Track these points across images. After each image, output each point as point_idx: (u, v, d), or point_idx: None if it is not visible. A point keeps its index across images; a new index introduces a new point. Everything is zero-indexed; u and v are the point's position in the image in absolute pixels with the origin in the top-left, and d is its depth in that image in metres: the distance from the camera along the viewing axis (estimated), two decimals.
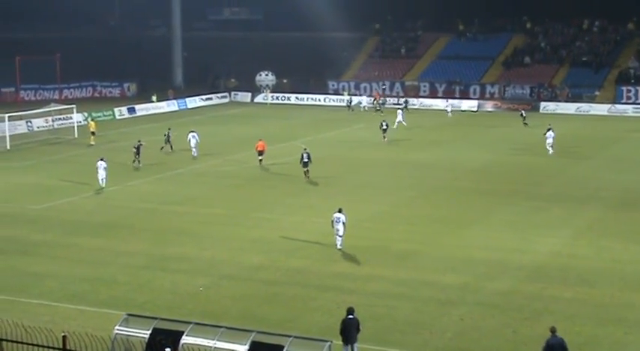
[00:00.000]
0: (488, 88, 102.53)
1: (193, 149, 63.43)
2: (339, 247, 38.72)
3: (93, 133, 69.92)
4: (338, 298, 32.18)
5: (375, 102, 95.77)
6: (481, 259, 37.54)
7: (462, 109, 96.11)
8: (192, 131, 64.74)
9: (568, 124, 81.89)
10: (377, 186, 53.18)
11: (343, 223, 38.51)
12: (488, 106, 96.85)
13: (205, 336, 25.07)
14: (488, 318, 30.57)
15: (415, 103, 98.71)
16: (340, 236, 38.72)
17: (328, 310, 30.92)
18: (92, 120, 74.98)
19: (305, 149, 56.07)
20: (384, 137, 70.55)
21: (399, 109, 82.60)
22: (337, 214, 38.74)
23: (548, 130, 64.95)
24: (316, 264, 36.90)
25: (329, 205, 42.72)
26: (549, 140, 64.36)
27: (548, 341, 24.64)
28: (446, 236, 41.33)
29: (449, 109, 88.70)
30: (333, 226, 38.81)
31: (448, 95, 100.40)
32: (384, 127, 71.06)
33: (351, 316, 26.07)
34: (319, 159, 61.18)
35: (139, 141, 60.34)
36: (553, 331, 24.76)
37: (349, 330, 25.92)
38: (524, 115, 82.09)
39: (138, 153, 59.01)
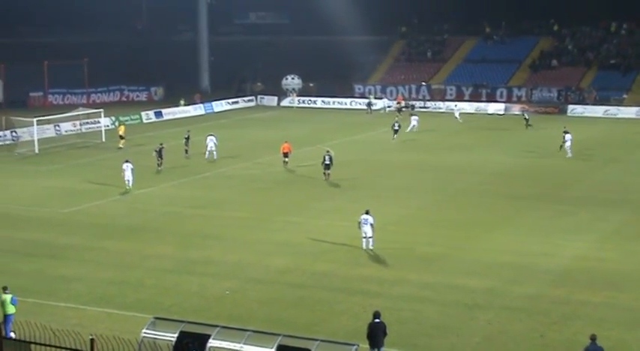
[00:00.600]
0: (515, 92, 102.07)
1: (207, 152, 63.73)
2: (370, 247, 38.84)
3: (122, 137, 70.17)
4: (364, 301, 32.07)
5: (399, 105, 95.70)
6: (508, 262, 37.33)
7: (489, 112, 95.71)
8: (211, 134, 65.10)
9: (595, 127, 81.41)
10: (403, 189, 53.02)
11: (371, 224, 38.63)
12: (515, 109, 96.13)
13: (232, 339, 25.08)
14: (515, 322, 30.37)
15: (441, 106, 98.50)
16: (370, 237, 38.81)
17: (354, 313, 30.83)
18: (121, 124, 75.18)
19: (327, 151, 56.66)
20: (394, 138, 71.96)
21: (412, 115, 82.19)
22: (365, 216, 38.83)
23: (566, 133, 64.53)
24: (342, 267, 36.80)
25: (355, 208, 42.64)
26: (568, 143, 63.92)
27: (587, 349, 24.46)
28: (472, 240, 41.13)
29: (457, 114, 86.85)
30: (359, 228, 38.87)
31: (475, 99, 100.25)
32: (396, 127, 72.72)
33: (377, 320, 26.01)
34: (345, 162, 61.55)
35: (161, 144, 60.68)
36: (593, 338, 24.49)
37: (376, 334, 25.85)
38: (526, 117, 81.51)
39: (160, 156, 59.26)
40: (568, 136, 64.19)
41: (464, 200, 49.98)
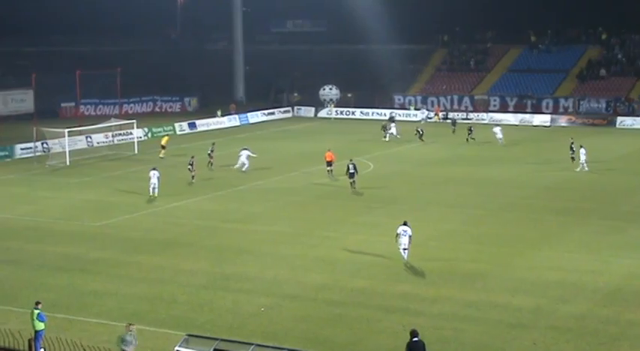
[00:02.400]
0: (562, 102, 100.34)
1: (238, 165, 63.42)
2: (405, 259, 38.46)
3: (163, 147, 69.79)
4: (404, 319, 31.40)
5: (436, 116, 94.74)
6: (554, 280, 36.50)
7: (534, 124, 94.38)
8: (245, 148, 64.88)
9: None
10: (444, 204, 52.09)
11: (409, 236, 38.40)
12: (562, 120, 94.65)
13: None
14: (562, 343, 29.69)
15: (484, 117, 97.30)
16: (406, 249, 38.54)
17: (394, 332, 30.14)
18: (166, 135, 74.28)
19: (351, 160, 56.54)
20: (421, 138, 77.30)
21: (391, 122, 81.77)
22: (403, 227, 38.68)
23: (581, 146, 62.90)
24: (381, 284, 36.23)
25: (394, 223, 41.66)
26: (583, 157, 62.28)
27: None
28: (516, 256, 40.32)
29: (499, 135, 78.51)
30: (397, 240, 38.66)
31: (519, 110, 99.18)
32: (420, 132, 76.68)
33: (415, 339, 25.45)
34: (385, 175, 61.25)
35: (192, 157, 60.47)
36: None
37: None
38: (472, 129, 79.98)
39: (192, 168, 59.02)
40: (583, 151, 62.41)
41: (508, 215, 49.09)
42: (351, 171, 55.57)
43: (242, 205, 52.51)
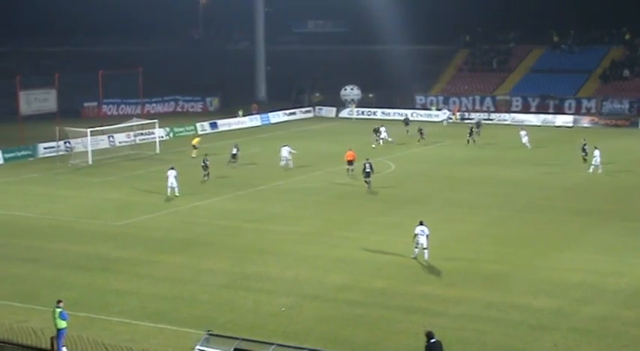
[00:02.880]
0: (585, 103, 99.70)
1: (281, 162, 64.28)
2: (426, 258, 38.65)
3: (195, 147, 69.93)
4: (424, 320, 31.23)
5: (454, 117, 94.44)
6: (575, 282, 36.26)
7: (556, 124, 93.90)
8: (285, 145, 65.37)
9: None
10: (465, 204, 51.87)
11: (427, 235, 38.59)
12: (585, 121, 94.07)
13: None
14: (583, 345, 29.46)
15: (506, 118, 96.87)
16: (425, 249, 38.70)
17: (414, 333, 29.88)
18: (198, 135, 73.98)
19: (367, 160, 56.85)
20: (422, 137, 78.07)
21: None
22: (421, 227, 38.87)
23: (595, 148, 62.40)
24: (401, 285, 36.11)
25: (415, 223, 41.47)
26: (597, 158, 61.67)
27: None
28: (538, 258, 40.01)
29: (525, 139, 76.51)
30: (414, 240, 38.82)
31: (542, 110, 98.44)
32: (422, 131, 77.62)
33: (433, 340, 25.45)
34: (405, 176, 61.09)
35: (206, 155, 60.82)
36: None
37: None
38: (474, 130, 79.37)
39: (206, 167, 59.27)
40: (597, 152, 61.91)
41: (529, 216, 48.79)
42: (367, 170, 55.89)
43: (263, 204, 52.49)
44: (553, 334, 30.34)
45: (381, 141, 75.52)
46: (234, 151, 66.38)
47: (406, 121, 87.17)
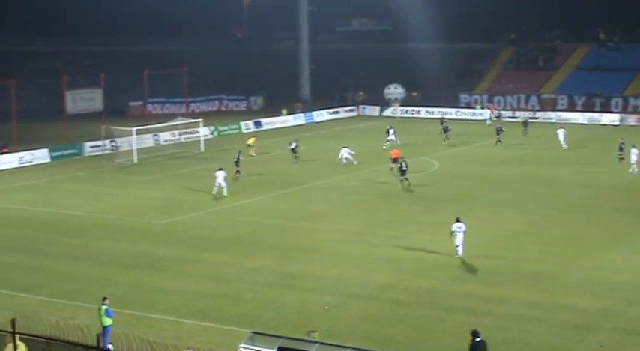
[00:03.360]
0: (632, 101, 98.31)
1: (343, 160, 64.49)
2: (460, 255, 38.74)
3: (250, 146, 70.10)
4: (469, 319, 31.04)
5: (492, 115, 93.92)
6: (622, 281, 35.95)
7: (602, 123, 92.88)
8: (345, 147, 65.71)
9: None
10: (510, 203, 51.54)
11: (464, 232, 38.74)
12: (631, 120, 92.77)
13: None
14: (630, 345, 29.27)
15: (552, 116, 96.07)
16: (458, 246, 38.93)
17: (459, 332, 29.71)
18: (253, 136, 73.90)
19: (402, 158, 57.32)
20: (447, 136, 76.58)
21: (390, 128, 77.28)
22: (458, 224, 38.97)
23: (633, 146, 61.54)
24: (445, 284, 36.02)
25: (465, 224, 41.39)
26: (634, 157, 60.84)
27: None
28: (583, 257, 39.72)
29: (561, 136, 74.17)
30: (451, 237, 38.93)
31: (587, 109, 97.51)
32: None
33: (478, 339, 25.39)
34: (449, 175, 60.84)
35: (239, 152, 61.25)
36: None
37: None
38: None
39: (237, 164, 59.42)
40: (635, 151, 61.10)
41: (575, 215, 48.42)
42: (403, 168, 56.15)
43: (307, 203, 52.59)
44: (599, 334, 30.12)
45: (387, 143, 74.17)
46: (293, 145, 67.02)
47: (442, 122, 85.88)
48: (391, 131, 75.27)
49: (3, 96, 78.11)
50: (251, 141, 71.43)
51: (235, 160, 60.12)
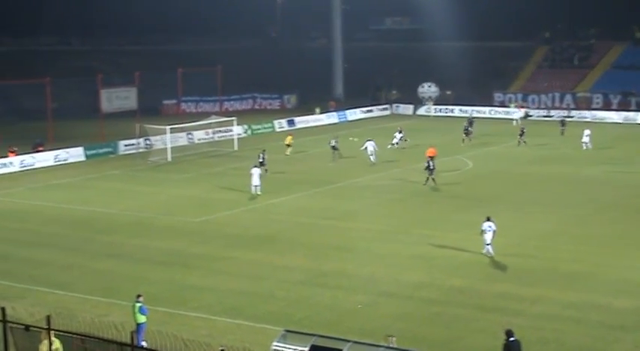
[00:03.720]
0: None
1: (370, 157, 64.66)
2: (491, 254, 38.69)
3: (288, 145, 70.28)
4: (502, 319, 30.82)
5: (519, 115, 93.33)
6: None
7: (639, 122, 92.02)
8: (370, 139, 65.59)
9: None
10: (544, 203, 51.19)
11: (494, 231, 38.69)
12: None
13: None
14: None
15: (587, 115, 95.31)
16: (489, 244, 38.89)
17: (492, 332, 29.57)
18: (290, 135, 73.92)
19: (429, 157, 57.25)
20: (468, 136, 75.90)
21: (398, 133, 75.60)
22: (488, 223, 38.93)
23: None
24: (479, 283, 35.82)
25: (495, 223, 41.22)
26: None
27: None
28: (619, 257, 39.37)
29: (586, 138, 73.05)
30: (482, 236, 38.92)
31: (623, 107, 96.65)
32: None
33: (512, 338, 25.29)
34: (483, 174, 60.66)
35: (264, 151, 61.48)
36: None
37: None
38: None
39: (263, 162, 59.46)
40: None
41: (609, 215, 48.06)
42: (431, 168, 56.28)
43: (340, 202, 52.52)
44: (634, 334, 29.89)
45: (395, 144, 73.34)
46: (334, 143, 67.33)
47: (470, 121, 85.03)
48: (398, 135, 74.12)
49: (39, 94, 78.70)
50: (289, 140, 71.42)
51: (260, 160, 59.97)
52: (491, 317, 31.57)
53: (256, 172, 54.14)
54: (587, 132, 73.15)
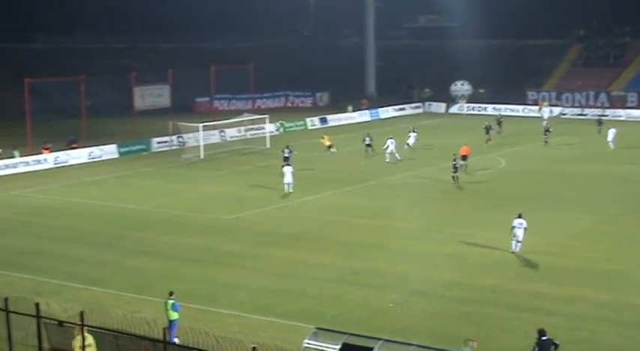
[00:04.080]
0: None
1: (387, 155, 64.55)
2: (518, 251, 38.76)
3: (330, 147, 70.04)
4: (535, 319, 30.57)
5: (540, 111, 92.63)
6: None
7: None
8: (391, 137, 65.71)
9: None
10: (578, 202, 50.84)
11: (525, 228, 38.61)
12: None
13: None
14: None
15: (621, 114, 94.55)
16: (519, 242, 38.76)
17: (525, 331, 29.36)
18: (324, 136, 73.65)
19: (454, 155, 57.54)
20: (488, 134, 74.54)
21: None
22: (519, 220, 38.85)
23: None
24: (511, 282, 35.57)
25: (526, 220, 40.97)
26: None
27: None
28: None
29: (611, 136, 72.23)
30: (512, 232, 38.84)
31: None
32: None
33: (544, 338, 25.17)
34: (516, 172, 60.44)
35: (287, 147, 61.82)
36: None
37: None
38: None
39: (288, 160, 59.29)
40: None
41: None
42: (457, 165, 56.59)
43: (372, 200, 52.44)
44: None
45: (405, 145, 71.65)
46: (368, 140, 67.77)
47: (499, 121, 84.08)
48: (412, 135, 73.01)
49: (73, 92, 79.16)
50: (327, 140, 70.89)
51: (286, 156, 60.00)
52: (523, 316, 31.33)
53: (288, 170, 54.19)
54: (612, 131, 72.40)
